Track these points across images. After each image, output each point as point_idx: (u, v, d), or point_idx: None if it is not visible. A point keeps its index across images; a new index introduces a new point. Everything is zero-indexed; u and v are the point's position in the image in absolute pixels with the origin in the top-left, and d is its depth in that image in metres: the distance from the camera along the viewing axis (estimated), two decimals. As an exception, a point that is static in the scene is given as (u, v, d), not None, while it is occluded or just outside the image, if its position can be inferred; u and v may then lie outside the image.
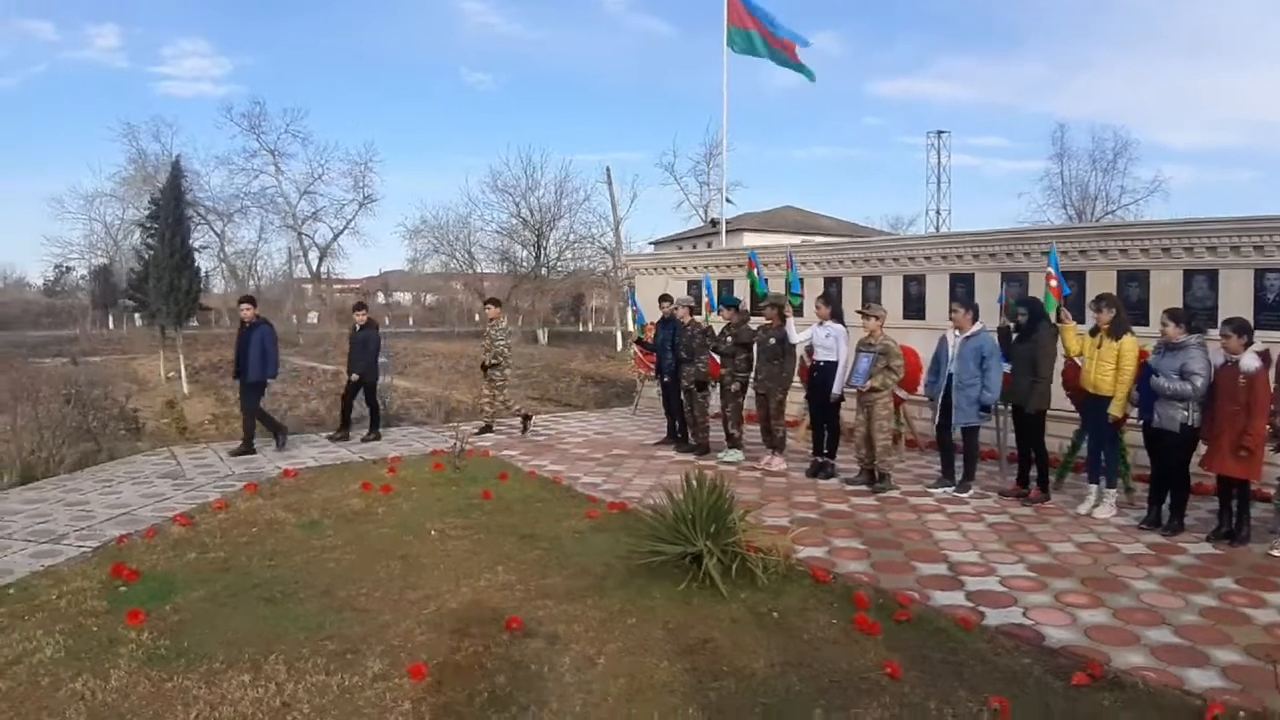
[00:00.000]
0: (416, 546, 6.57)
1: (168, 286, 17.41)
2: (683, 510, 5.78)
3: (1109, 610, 5.15)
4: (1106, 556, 6.22)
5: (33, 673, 4.36)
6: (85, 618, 5.08)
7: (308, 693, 4.15)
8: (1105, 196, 41.69)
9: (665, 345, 10.62)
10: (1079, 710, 3.98)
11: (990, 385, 7.78)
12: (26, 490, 8.48)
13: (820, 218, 49.57)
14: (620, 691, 4.17)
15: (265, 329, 10.24)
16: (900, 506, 7.70)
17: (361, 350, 11.18)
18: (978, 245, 10.45)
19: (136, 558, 6.18)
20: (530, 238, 41.08)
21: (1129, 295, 8.32)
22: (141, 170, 36.76)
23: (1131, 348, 7.03)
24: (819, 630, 4.91)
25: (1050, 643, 4.67)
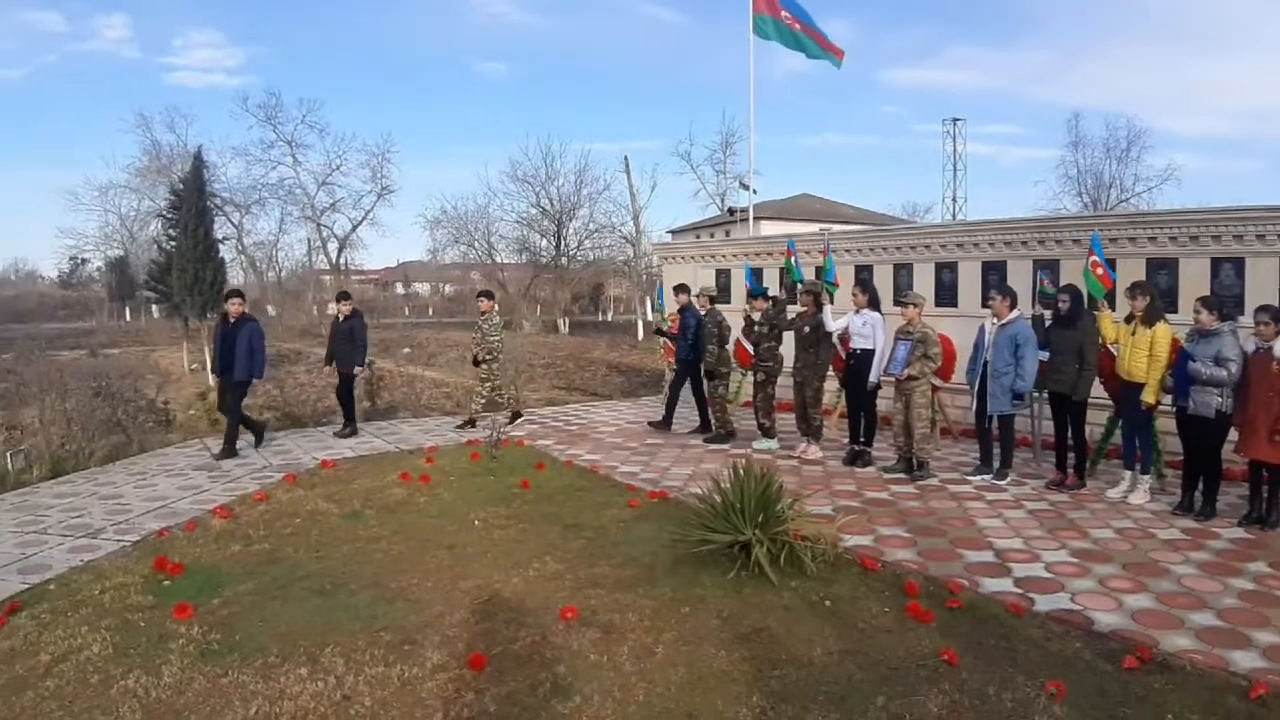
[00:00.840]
0: (462, 536, 6.60)
1: (191, 278, 17.51)
2: (731, 499, 5.79)
3: (1152, 595, 5.20)
4: (1144, 542, 6.25)
5: (81, 670, 4.31)
6: (131, 613, 5.04)
7: (368, 685, 4.16)
8: (1119, 184, 41.51)
9: (684, 333, 10.80)
10: (1131, 692, 4.01)
11: (1024, 373, 7.73)
12: (58, 484, 8.49)
13: (840, 205, 49.29)
14: (682, 680, 4.19)
15: (253, 326, 9.77)
16: (940, 494, 7.70)
17: (348, 341, 10.82)
18: (1009, 232, 10.38)
19: (179, 551, 6.17)
20: (550, 227, 41.08)
21: (1158, 283, 8.26)
22: (156, 161, 36.69)
23: (1165, 335, 7.03)
24: (872, 618, 4.92)
25: (1099, 627, 4.71)
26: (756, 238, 14.65)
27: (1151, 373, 7.05)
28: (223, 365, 9.68)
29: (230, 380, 9.62)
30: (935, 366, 8.28)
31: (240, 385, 9.63)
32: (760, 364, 9.87)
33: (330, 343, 11.15)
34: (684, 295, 11.23)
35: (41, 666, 4.37)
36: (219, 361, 9.79)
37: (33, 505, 7.62)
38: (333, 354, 11.02)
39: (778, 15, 14.12)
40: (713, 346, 10.38)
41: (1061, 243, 9.78)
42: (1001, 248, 10.38)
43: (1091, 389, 7.60)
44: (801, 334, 9.38)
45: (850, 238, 12.65)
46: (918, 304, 8.46)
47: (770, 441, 9.89)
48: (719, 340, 10.37)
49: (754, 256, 13.72)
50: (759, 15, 14.17)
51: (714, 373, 10.42)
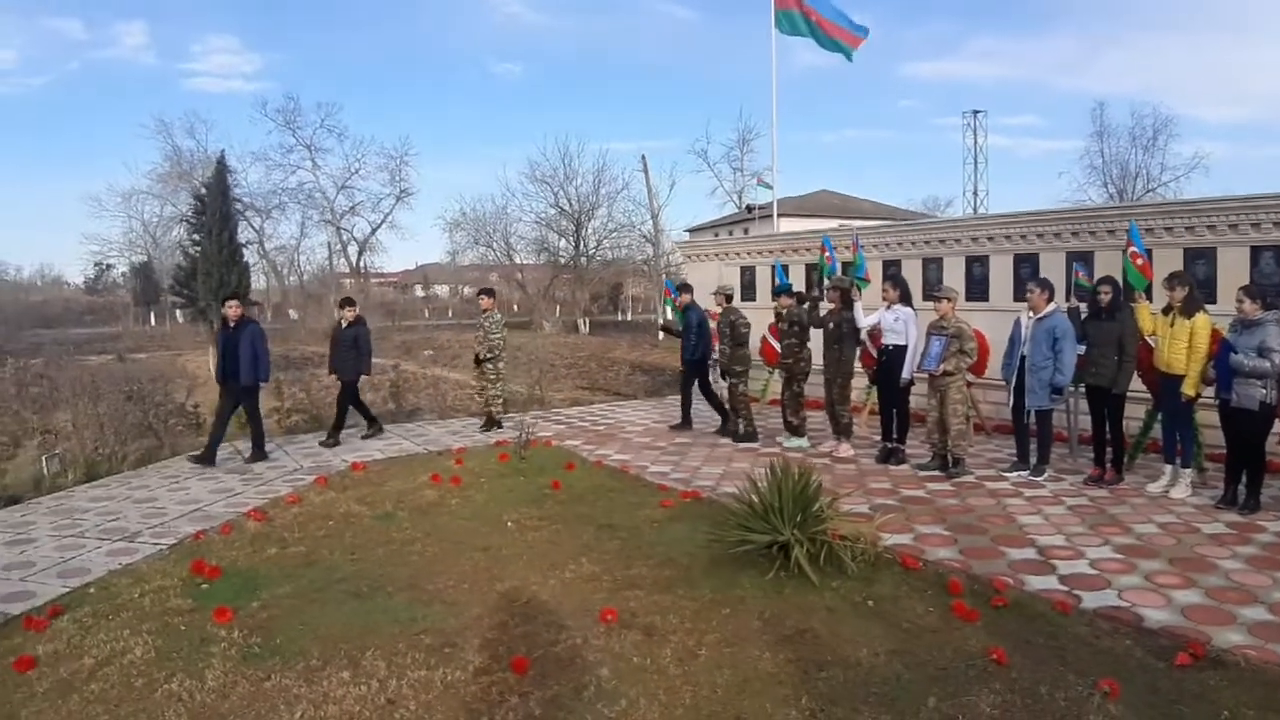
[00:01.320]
0: (495, 538, 6.57)
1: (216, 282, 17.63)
2: (769, 498, 5.73)
3: (1201, 590, 5.10)
4: (1189, 536, 6.14)
5: (125, 674, 4.32)
6: (171, 616, 5.06)
7: (411, 689, 4.13)
8: (1146, 174, 40.96)
9: (687, 333, 10.90)
10: (1186, 690, 3.93)
11: (1063, 367, 7.61)
12: (92, 488, 8.54)
13: (859, 201, 49.06)
14: (728, 683, 4.14)
15: (255, 328, 9.51)
16: (977, 491, 7.60)
17: (352, 349, 10.49)
18: (1042, 224, 10.23)
19: (216, 554, 6.19)
20: (569, 227, 41.14)
21: (1195, 273, 8.09)
22: (177, 167, 37.15)
23: (1205, 326, 6.89)
24: (917, 618, 4.85)
25: (1149, 624, 4.62)
26: (781, 234, 14.55)
27: (1191, 364, 6.92)
28: (226, 371, 9.41)
29: (236, 387, 9.36)
30: (971, 362, 8.18)
31: (249, 391, 9.45)
32: (783, 362, 9.86)
33: (332, 350, 10.83)
34: (687, 295, 11.30)
35: (85, 670, 4.38)
36: (222, 367, 9.50)
37: (69, 509, 7.67)
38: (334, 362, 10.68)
39: (799, 7, 14.02)
40: (725, 345, 10.39)
41: (1096, 234, 9.63)
42: (1034, 240, 10.23)
43: (1131, 382, 7.47)
44: (827, 331, 9.35)
45: (878, 232, 12.56)
46: (951, 298, 8.36)
47: (800, 440, 9.84)
48: (733, 339, 10.34)
49: (779, 253, 13.63)
50: (781, 10, 14.09)
51: (729, 371, 10.41)
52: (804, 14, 14.32)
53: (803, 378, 9.83)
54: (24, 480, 9.05)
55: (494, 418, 11.50)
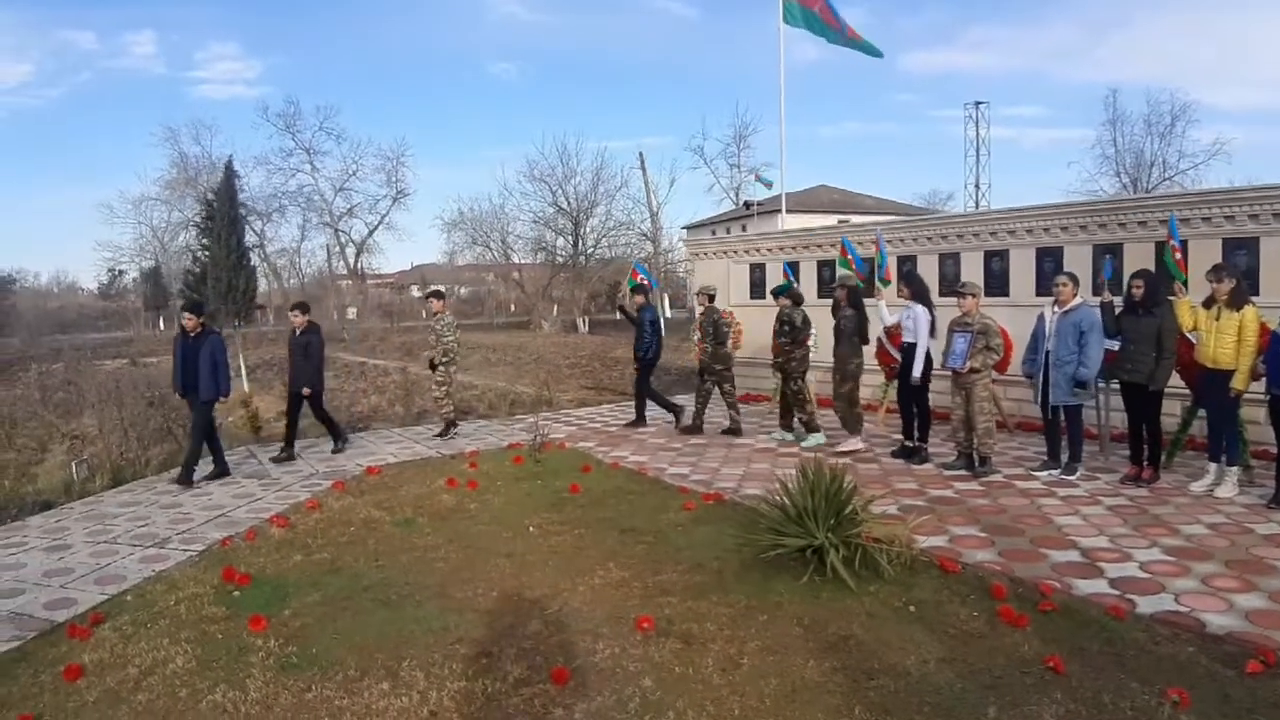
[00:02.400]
0: (519, 544, 6.46)
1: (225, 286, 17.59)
2: (801, 500, 5.61)
3: (1264, 594, 4.92)
4: (1243, 538, 5.95)
5: (169, 684, 4.30)
6: (207, 624, 5.04)
7: (453, 700, 4.04)
8: (1162, 163, 40.51)
9: (640, 333, 11.16)
10: (1261, 698, 3.78)
11: (1087, 361, 7.48)
12: (119, 493, 8.56)
13: (860, 196, 48.98)
14: (775, 693, 4.02)
15: (215, 339, 8.92)
16: (1008, 491, 7.47)
17: (304, 357, 9.87)
18: (1066, 216, 10.09)
19: (244, 560, 6.15)
20: (568, 226, 41.05)
21: (1237, 264, 7.88)
22: (184, 173, 37.22)
23: (1254, 318, 6.73)
24: (962, 623, 4.73)
25: (1212, 630, 4.46)
26: (794, 231, 14.42)
27: (1242, 359, 6.75)
28: (184, 384, 8.77)
29: (195, 401, 8.77)
30: (998, 358, 8.06)
31: (206, 405, 8.82)
32: (775, 361, 10.07)
33: (289, 357, 10.29)
34: (641, 296, 11.50)
35: (131, 680, 4.36)
36: (179, 379, 8.84)
37: (100, 515, 7.73)
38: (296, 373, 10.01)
39: (809, 3, 13.90)
40: (708, 344, 10.65)
41: (1126, 225, 9.45)
42: (1058, 233, 10.08)
43: (1169, 378, 7.35)
44: (835, 328, 9.43)
45: (893, 228, 12.42)
46: (975, 294, 8.25)
47: (816, 436, 9.82)
48: (715, 339, 10.61)
49: (791, 250, 13.52)
50: (789, 2, 13.95)
51: (708, 370, 10.67)
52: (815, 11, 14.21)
53: (799, 376, 9.91)
54: (55, 485, 9.12)
55: (451, 421, 11.28)
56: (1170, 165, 40.32)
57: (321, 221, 42.76)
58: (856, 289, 9.55)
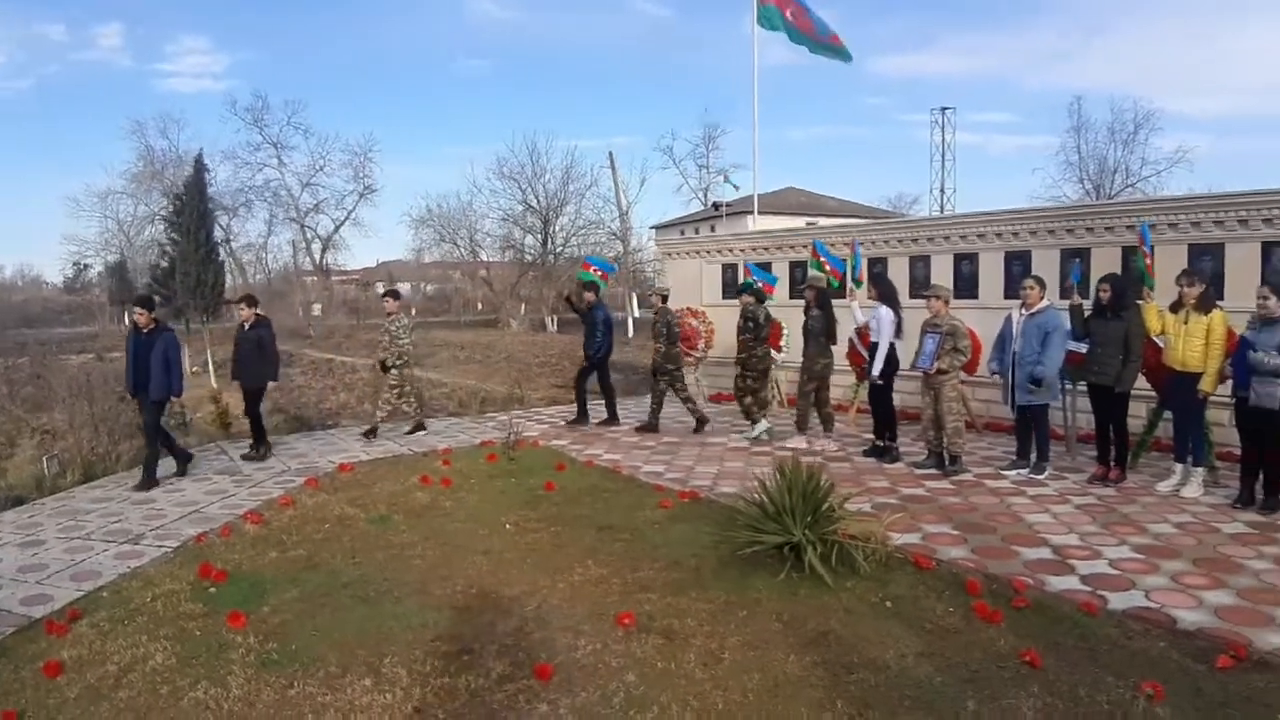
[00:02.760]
0: (495, 541, 6.46)
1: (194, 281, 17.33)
2: (779, 498, 5.67)
3: (1232, 591, 5.06)
4: (1209, 536, 6.11)
5: (149, 681, 4.26)
6: (185, 621, 4.99)
7: (436, 696, 4.04)
8: (1125, 170, 41.29)
9: (591, 332, 11.25)
10: (1233, 692, 3.89)
11: (1046, 360, 7.64)
12: (91, 489, 8.44)
13: (825, 199, 49.41)
14: (757, 687, 4.07)
15: (169, 337, 8.54)
16: (978, 489, 7.60)
17: (257, 353, 9.52)
18: (1034, 221, 10.28)
19: (219, 557, 6.09)
20: (537, 224, 40.94)
21: (1202, 269, 8.09)
22: (150, 166, 36.79)
23: (1222, 322, 6.90)
24: (938, 618, 4.81)
25: (1183, 625, 4.58)
26: (763, 232, 14.52)
27: (1210, 361, 6.91)
28: (136, 382, 8.43)
29: (146, 400, 8.40)
30: (965, 360, 8.19)
31: (157, 405, 8.47)
32: (738, 356, 10.28)
33: (235, 354, 9.88)
34: (591, 295, 11.54)
35: (111, 677, 4.32)
36: (131, 378, 8.48)
37: (72, 510, 7.62)
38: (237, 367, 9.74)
39: (782, 6, 13.99)
40: (661, 344, 10.86)
41: (1093, 230, 9.65)
42: (1026, 237, 10.27)
43: (1135, 381, 7.50)
44: (803, 327, 9.68)
45: (866, 230, 12.56)
46: (942, 296, 8.39)
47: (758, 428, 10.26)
48: (668, 339, 10.88)
49: (760, 251, 13.61)
50: (764, 6, 14.04)
51: (660, 369, 10.87)
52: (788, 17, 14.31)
53: (755, 373, 10.18)
54: (26, 480, 8.98)
55: (376, 427, 10.82)
56: (1133, 172, 41.17)
57: (288, 217, 42.44)
58: (824, 290, 9.71)
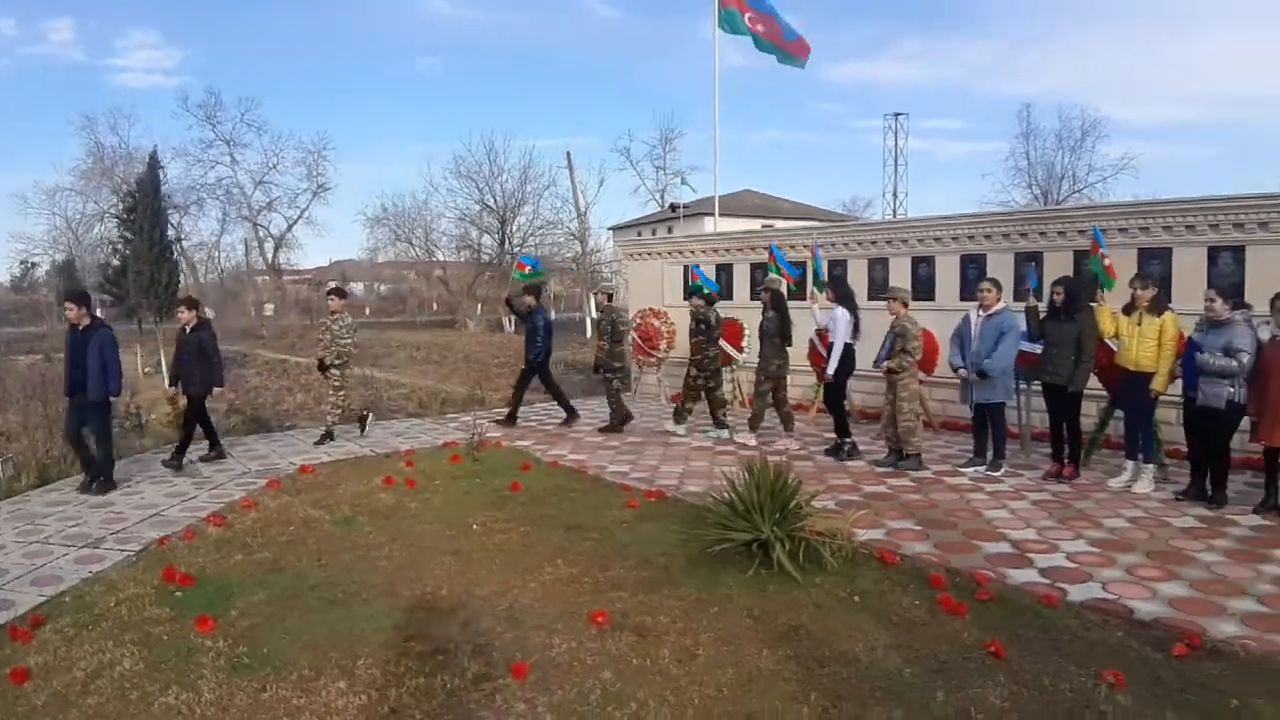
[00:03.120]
0: (463, 541, 6.45)
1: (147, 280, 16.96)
2: (748, 496, 5.75)
3: (1185, 582, 5.25)
4: (1161, 530, 6.33)
5: (118, 686, 4.18)
6: (152, 626, 4.91)
7: (413, 697, 4.03)
8: (1072, 176, 42.33)
9: (532, 337, 11.33)
10: (1190, 680, 4.04)
11: (995, 356, 7.88)
12: (46, 492, 8.22)
13: (781, 201, 49.86)
14: (732, 682, 4.13)
15: (105, 334, 8.05)
16: (938, 486, 7.76)
17: (195, 357, 9.04)
18: (990, 225, 10.52)
19: (183, 560, 5.99)
20: (494, 224, 40.75)
21: (1151, 273, 8.36)
22: (100, 163, 35.99)
23: (1173, 323, 7.14)
24: (904, 612, 4.93)
25: (1140, 616, 4.74)
26: (723, 234, 14.63)
27: (1162, 361, 7.13)
28: (72, 383, 8.00)
29: (84, 401, 7.94)
30: (913, 360, 8.40)
31: (99, 407, 8.00)
32: (691, 357, 10.48)
33: (176, 358, 9.44)
34: (531, 298, 11.52)
35: (78, 683, 4.23)
36: (68, 378, 8.06)
37: (29, 514, 7.41)
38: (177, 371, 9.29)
39: (742, 9, 14.12)
40: (604, 343, 11.02)
41: (1046, 235, 9.91)
42: (982, 240, 10.50)
43: (1088, 380, 7.72)
44: (759, 329, 9.88)
45: (826, 233, 12.74)
46: (897, 298, 8.61)
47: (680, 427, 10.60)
48: (613, 337, 11.04)
49: (722, 253, 13.73)
50: (725, 9, 14.16)
51: (606, 366, 11.05)
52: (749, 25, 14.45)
53: (705, 374, 10.40)
54: None
55: (330, 431, 10.55)
56: (1080, 178, 42.29)
57: (240, 215, 41.79)
58: (780, 293, 9.87)
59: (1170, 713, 3.75)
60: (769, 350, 9.64)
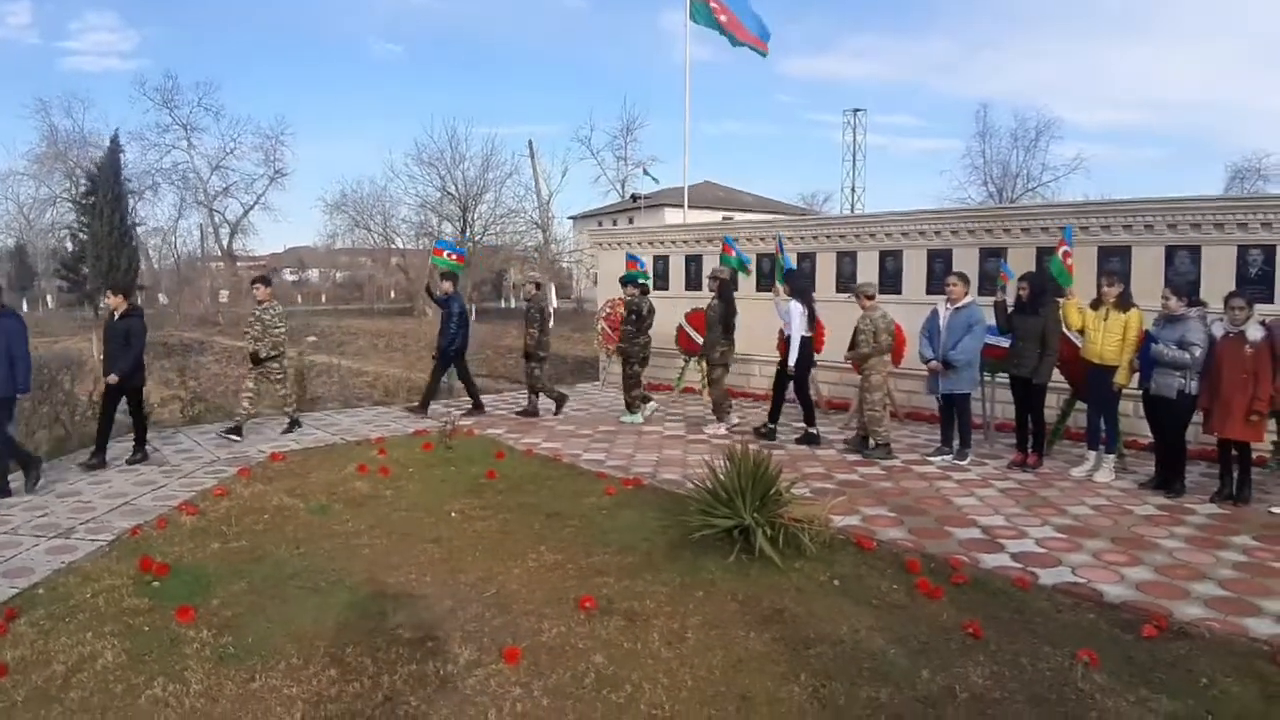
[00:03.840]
0: (443, 529, 6.46)
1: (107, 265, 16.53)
2: (729, 483, 5.84)
3: (1149, 567, 5.46)
4: (1124, 518, 6.56)
5: (101, 679, 4.09)
6: (131, 617, 4.82)
7: (407, 684, 4.04)
8: (1026, 174, 43.22)
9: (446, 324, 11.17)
10: (1160, 659, 4.21)
11: (960, 348, 8.12)
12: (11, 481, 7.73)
13: (741, 194, 50.17)
14: (722, 663, 4.22)
15: (12, 324, 7.35)
16: (908, 475, 7.96)
17: (123, 345, 8.43)
18: (956, 221, 10.75)
19: (158, 550, 5.90)
20: (456, 212, 40.43)
21: (1110, 270, 8.63)
22: (54, 147, 34.94)
23: (1138, 319, 7.40)
24: (884, 595, 5.06)
25: (1109, 598, 4.92)
26: (694, 225, 14.75)
27: (1124, 355, 7.39)
28: None
29: None
30: (883, 351, 8.66)
31: (4, 404, 7.33)
32: (620, 346, 10.81)
33: (105, 346, 8.86)
34: (449, 284, 11.35)
35: (59, 677, 4.13)
36: None
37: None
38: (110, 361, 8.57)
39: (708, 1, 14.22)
40: (534, 330, 11.00)
41: (1010, 231, 10.17)
42: (948, 236, 10.72)
43: (1052, 373, 7.94)
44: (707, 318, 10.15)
45: (795, 226, 12.91)
46: (865, 293, 8.85)
47: (634, 416, 10.71)
48: (540, 325, 11.08)
49: (692, 244, 13.83)
50: (695, 2, 14.22)
51: (532, 355, 11.08)
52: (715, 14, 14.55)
53: (638, 362, 10.65)
54: None
55: (293, 418, 10.43)
56: (1034, 177, 43.15)
57: (195, 201, 40.95)
58: (727, 282, 10.14)
59: (1144, 690, 3.91)
60: (713, 337, 9.88)
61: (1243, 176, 40.56)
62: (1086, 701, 3.83)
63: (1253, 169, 40.70)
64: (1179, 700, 3.82)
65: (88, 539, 6.22)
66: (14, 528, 6.52)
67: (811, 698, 3.89)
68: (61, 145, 35.52)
